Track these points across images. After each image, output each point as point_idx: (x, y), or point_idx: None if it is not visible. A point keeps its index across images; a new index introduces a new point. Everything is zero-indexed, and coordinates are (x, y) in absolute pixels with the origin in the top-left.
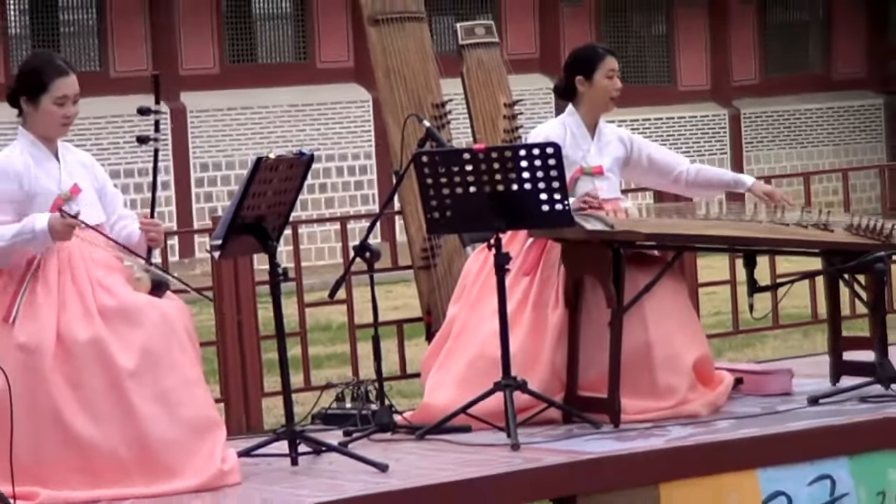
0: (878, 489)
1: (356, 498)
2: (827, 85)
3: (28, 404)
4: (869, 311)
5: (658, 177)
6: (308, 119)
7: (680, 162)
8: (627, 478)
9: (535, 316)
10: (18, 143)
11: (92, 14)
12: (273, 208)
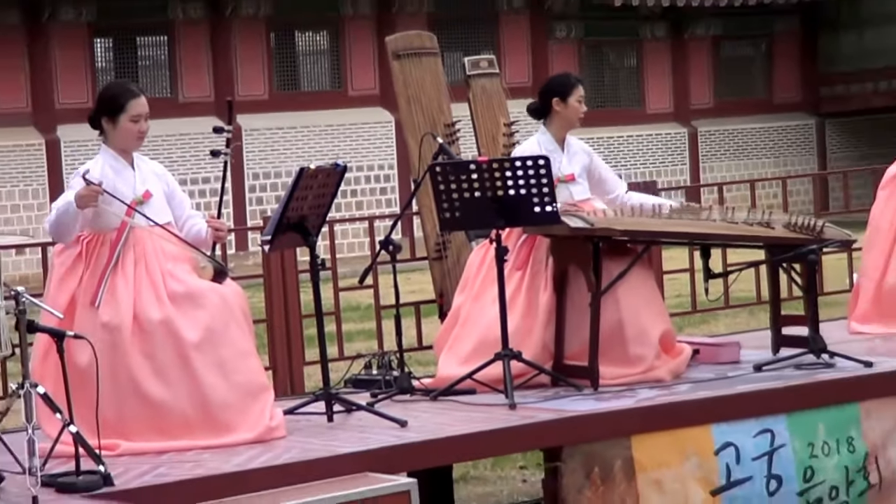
0: (808, 440)
1: (381, 448)
2: (769, 108)
3: (110, 373)
4: (803, 293)
5: (601, 192)
6: (342, 136)
7: (619, 186)
8: (604, 431)
9: (528, 300)
10: (100, 157)
11: (164, 50)
12: (313, 210)
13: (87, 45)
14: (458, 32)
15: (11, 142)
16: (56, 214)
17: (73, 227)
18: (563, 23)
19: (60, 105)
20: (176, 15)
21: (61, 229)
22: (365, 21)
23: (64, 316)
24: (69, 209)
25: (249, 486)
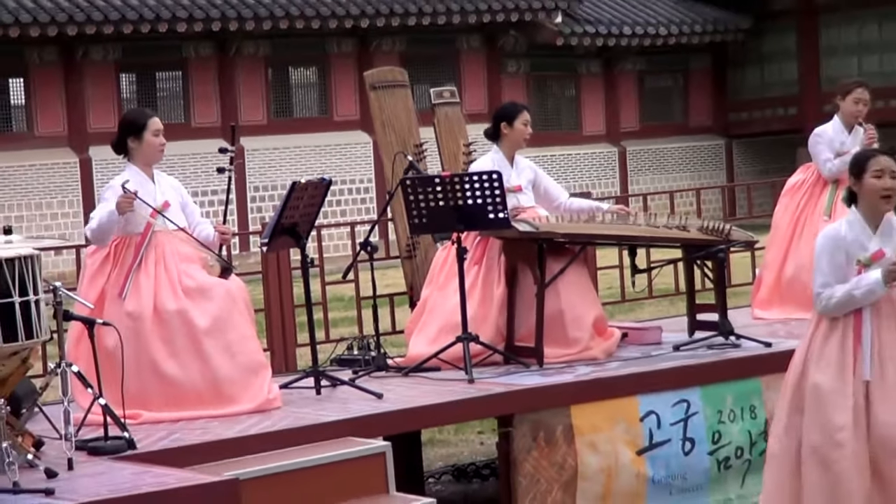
0: (718, 409)
1: (361, 417)
2: (685, 131)
3: (133, 354)
4: (714, 285)
5: (547, 202)
6: (327, 155)
7: (562, 194)
8: (548, 402)
9: (484, 291)
10: (126, 172)
11: (179, 83)
12: (304, 217)
13: (113, 79)
14: (425, 68)
15: (50, 160)
16: (98, 222)
17: (112, 231)
18: (514, 60)
19: (92, 129)
20: (189, 54)
21: (103, 234)
22: (347, 58)
23: (94, 306)
24: (112, 216)
25: (250, 448)
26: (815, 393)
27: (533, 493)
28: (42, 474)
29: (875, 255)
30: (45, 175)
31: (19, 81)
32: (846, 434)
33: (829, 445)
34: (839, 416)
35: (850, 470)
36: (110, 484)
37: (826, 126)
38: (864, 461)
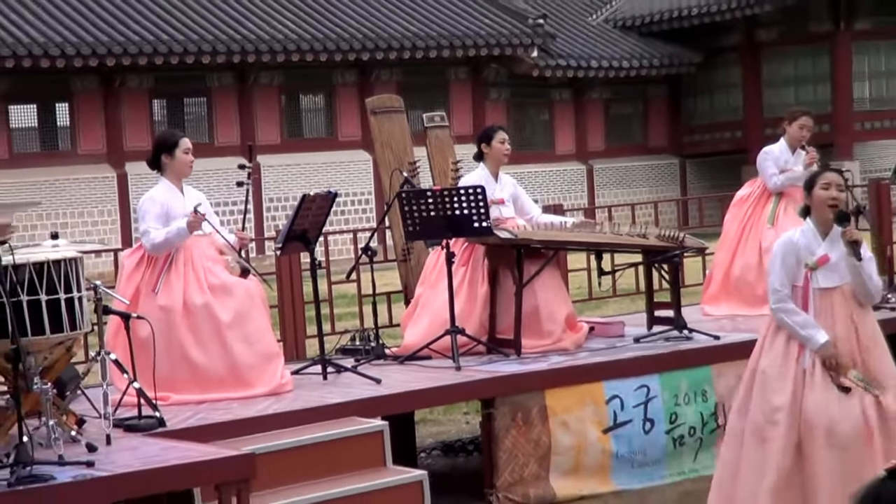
0: (674, 393)
1: (362, 399)
2: (645, 151)
3: (164, 342)
4: (670, 286)
5: (521, 214)
6: (333, 171)
7: (534, 210)
8: (525, 386)
9: (470, 290)
10: (160, 185)
11: (204, 108)
12: (312, 225)
13: (147, 104)
14: (418, 95)
15: (91, 175)
16: (167, 237)
17: (177, 244)
18: (496, 88)
19: (128, 148)
20: (213, 83)
21: (168, 247)
22: (351, 87)
23: (130, 301)
24: (181, 233)
25: (265, 427)
26: (762, 377)
27: (512, 467)
28: (84, 448)
29: (820, 259)
30: (87, 187)
31: (65, 106)
32: (781, 415)
33: (767, 424)
34: (777, 399)
35: (781, 448)
36: (143, 457)
37: (773, 146)
38: (793, 441)
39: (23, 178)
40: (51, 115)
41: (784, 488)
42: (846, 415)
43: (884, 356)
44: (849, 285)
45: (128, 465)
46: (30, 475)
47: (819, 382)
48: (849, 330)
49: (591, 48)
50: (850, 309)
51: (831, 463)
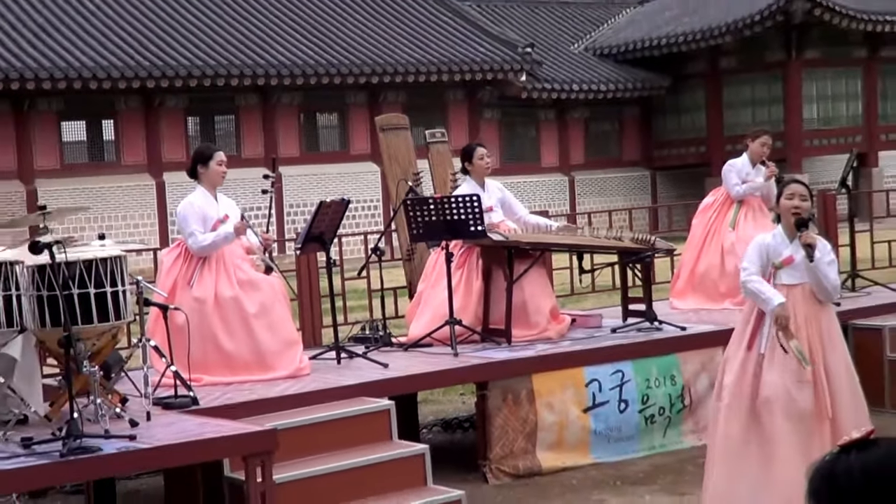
0: (645, 377)
1: (371, 382)
2: (620, 164)
3: (197, 331)
4: (642, 283)
5: (510, 215)
6: (346, 181)
7: (522, 210)
8: (515, 371)
9: (466, 286)
10: (197, 192)
11: (232, 124)
12: (328, 228)
13: (182, 120)
14: (421, 114)
15: (133, 183)
16: (214, 241)
17: (221, 247)
18: (489, 109)
19: (165, 159)
20: (240, 102)
21: (214, 249)
22: (361, 107)
23: (167, 294)
24: (228, 237)
25: (286, 405)
26: (724, 360)
27: (503, 441)
28: (127, 424)
29: (785, 259)
30: (129, 194)
31: (110, 122)
32: (726, 392)
33: (717, 401)
34: (728, 378)
35: (728, 418)
36: (179, 431)
37: (737, 160)
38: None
39: (73, 185)
40: (98, 130)
41: (729, 455)
42: (801, 393)
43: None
44: (809, 283)
45: (165, 438)
46: (79, 447)
47: (777, 365)
48: (808, 322)
49: (573, 73)
50: (809, 304)
51: (788, 434)
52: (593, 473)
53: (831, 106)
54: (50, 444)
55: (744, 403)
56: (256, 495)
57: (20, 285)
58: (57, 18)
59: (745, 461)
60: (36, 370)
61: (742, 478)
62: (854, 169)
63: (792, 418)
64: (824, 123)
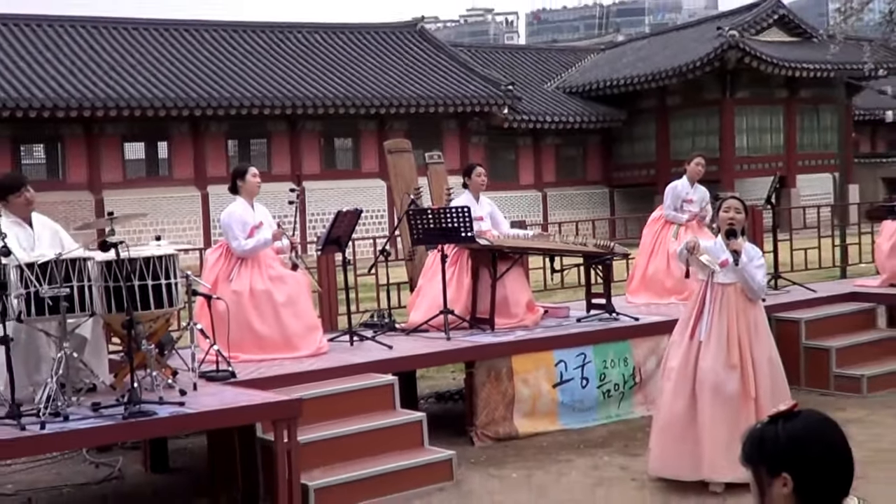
0: (603, 359)
1: (378, 360)
2: (585, 183)
3: (235, 317)
4: (603, 281)
5: (495, 227)
6: (359, 194)
7: (504, 225)
8: (497, 353)
9: (458, 282)
10: (237, 203)
11: (265, 146)
12: (344, 233)
13: (224, 143)
14: (421, 140)
15: (182, 194)
16: (255, 246)
17: (260, 250)
18: (476, 136)
19: (209, 175)
20: (272, 128)
21: (254, 252)
22: (372, 133)
23: (211, 286)
24: (266, 242)
25: (309, 379)
26: (669, 344)
27: (486, 411)
28: (177, 392)
29: (721, 262)
30: (180, 203)
31: (164, 143)
32: (674, 374)
33: (665, 380)
34: (672, 361)
35: (671, 395)
36: (220, 399)
37: (678, 181)
38: (685, 393)
39: (133, 195)
40: (154, 150)
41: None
42: (729, 377)
43: (766, 338)
44: (739, 284)
45: (209, 405)
46: (138, 411)
47: (711, 351)
48: (738, 316)
49: (546, 108)
50: (740, 301)
51: (714, 412)
52: (561, 438)
53: (758, 137)
54: (114, 408)
55: (687, 385)
56: (283, 453)
57: (91, 277)
58: (122, 59)
59: (684, 432)
60: (103, 347)
61: (681, 445)
62: (777, 189)
63: (720, 398)
64: (752, 151)
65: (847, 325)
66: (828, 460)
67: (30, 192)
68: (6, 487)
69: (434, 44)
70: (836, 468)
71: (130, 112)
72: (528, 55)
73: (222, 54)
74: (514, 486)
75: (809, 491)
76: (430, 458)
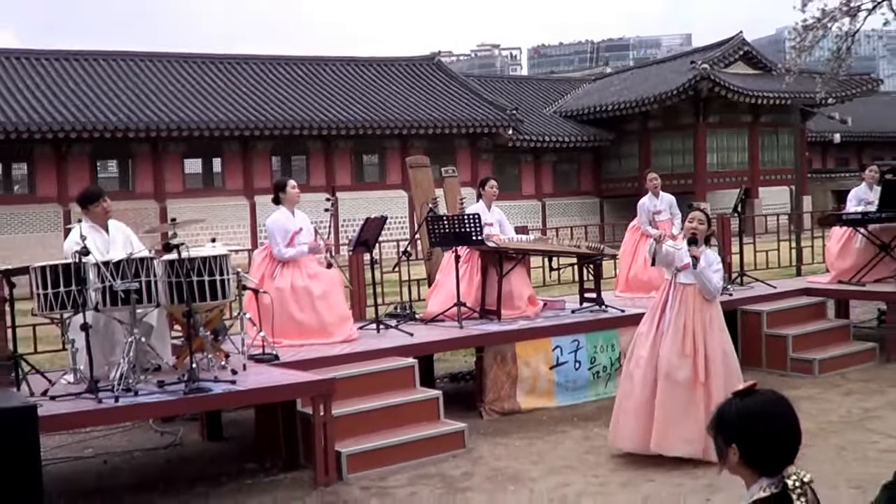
0: (594, 345)
1: (400, 345)
2: (578, 193)
3: (279, 309)
4: (594, 278)
5: (503, 233)
6: (384, 203)
7: (510, 231)
8: (503, 339)
9: (469, 279)
10: (280, 211)
11: (304, 162)
12: (372, 236)
13: (269, 159)
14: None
15: (233, 203)
16: (293, 255)
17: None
18: (485, 153)
19: (256, 186)
20: (309, 147)
21: (292, 258)
22: (395, 150)
23: (258, 282)
24: (303, 252)
25: (341, 361)
26: (637, 336)
27: (494, 389)
28: (229, 372)
29: (683, 266)
30: (231, 211)
31: (218, 160)
32: (643, 361)
33: (634, 366)
34: (641, 350)
35: (640, 382)
36: (265, 379)
37: (644, 199)
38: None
39: (192, 204)
40: (209, 165)
41: (637, 409)
42: (682, 365)
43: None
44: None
45: (256, 383)
46: (196, 388)
47: (668, 341)
48: (695, 312)
49: (545, 129)
50: (698, 300)
51: (664, 396)
52: (557, 412)
53: (726, 155)
54: (176, 385)
55: (652, 373)
56: (320, 424)
57: (156, 274)
58: (184, 88)
59: (644, 412)
60: (166, 333)
61: (640, 423)
62: (742, 200)
63: (671, 382)
64: (721, 167)
65: (801, 316)
66: (770, 436)
67: (107, 203)
68: (86, 451)
69: (448, 74)
70: (778, 443)
71: (190, 133)
72: (529, 84)
73: (267, 84)
74: (518, 453)
75: (754, 460)
76: (445, 430)
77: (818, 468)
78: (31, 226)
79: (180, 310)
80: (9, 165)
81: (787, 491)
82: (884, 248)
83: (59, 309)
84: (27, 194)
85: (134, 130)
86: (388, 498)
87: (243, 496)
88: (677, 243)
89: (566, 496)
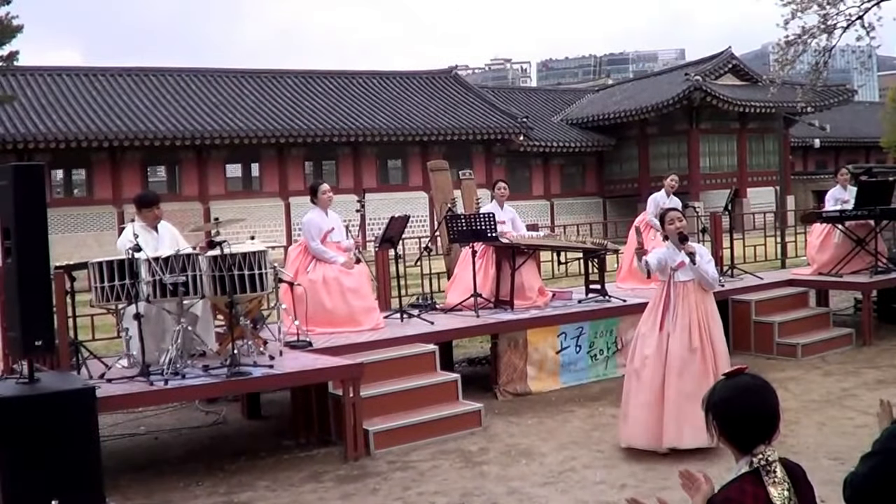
0: (596, 332)
1: (422, 333)
2: (583, 194)
3: (312, 299)
4: (598, 270)
5: (515, 230)
6: (407, 203)
7: (522, 229)
8: (516, 327)
9: (485, 272)
10: (314, 211)
11: (334, 167)
12: (396, 233)
13: (302, 164)
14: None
15: (270, 204)
16: (324, 256)
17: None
18: (499, 157)
19: (290, 189)
20: (339, 153)
21: (322, 257)
22: (417, 155)
23: (293, 275)
24: (336, 260)
25: (369, 347)
26: (639, 336)
27: (507, 373)
28: (267, 358)
29: (678, 264)
30: (268, 211)
31: (256, 165)
32: (649, 360)
33: (641, 365)
34: (646, 350)
35: (649, 379)
36: (300, 363)
37: (657, 193)
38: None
39: (233, 205)
40: (248, 170)
41: (649, 404)
42: (692, 359)
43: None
44: (695, 280)
45: (292, 367)
46: (238, 371)
47: (676, 339)
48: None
49: (553, 136)
50: (698, 293)
51: (675, 393)
52: (565, 393)
53: (717, 159)
54: (219, 369)
55: (661, 371)
56: (349, 405)
57: (201, 268)
58: (225, 100)
59: (654, 412)
60: (210, 322)
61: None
62: (732, 199)
63: (685, 377)
64: (713, 170)
65: (786, 305)
66: (743, 416)
67: (159, 210)
68: (139, 429)
69: (465, 86)
70: (752, 424)
71: (231, 141)
72: (538, 95)
73: (301, 95)
74: (529, 430)
75: (730, 437)
76: (463, 409)
77: (801, 442)
78: (89, 225)
79: (223, 301)
80: (69, 171)
81: (759, 468)
82: (859, 243)
83: (115, 300)
84: (85, 197)
85: (181, 139)
86: (412, 471)
87: (281, 469)
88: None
89: (574, 468)
